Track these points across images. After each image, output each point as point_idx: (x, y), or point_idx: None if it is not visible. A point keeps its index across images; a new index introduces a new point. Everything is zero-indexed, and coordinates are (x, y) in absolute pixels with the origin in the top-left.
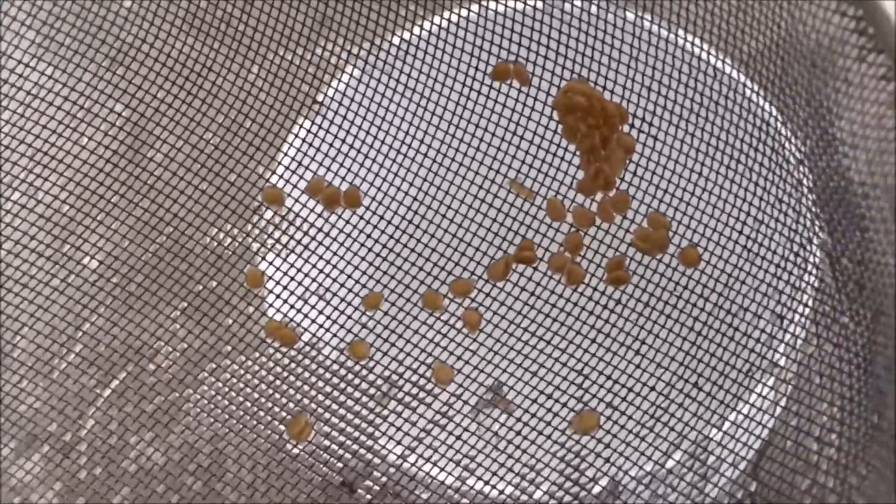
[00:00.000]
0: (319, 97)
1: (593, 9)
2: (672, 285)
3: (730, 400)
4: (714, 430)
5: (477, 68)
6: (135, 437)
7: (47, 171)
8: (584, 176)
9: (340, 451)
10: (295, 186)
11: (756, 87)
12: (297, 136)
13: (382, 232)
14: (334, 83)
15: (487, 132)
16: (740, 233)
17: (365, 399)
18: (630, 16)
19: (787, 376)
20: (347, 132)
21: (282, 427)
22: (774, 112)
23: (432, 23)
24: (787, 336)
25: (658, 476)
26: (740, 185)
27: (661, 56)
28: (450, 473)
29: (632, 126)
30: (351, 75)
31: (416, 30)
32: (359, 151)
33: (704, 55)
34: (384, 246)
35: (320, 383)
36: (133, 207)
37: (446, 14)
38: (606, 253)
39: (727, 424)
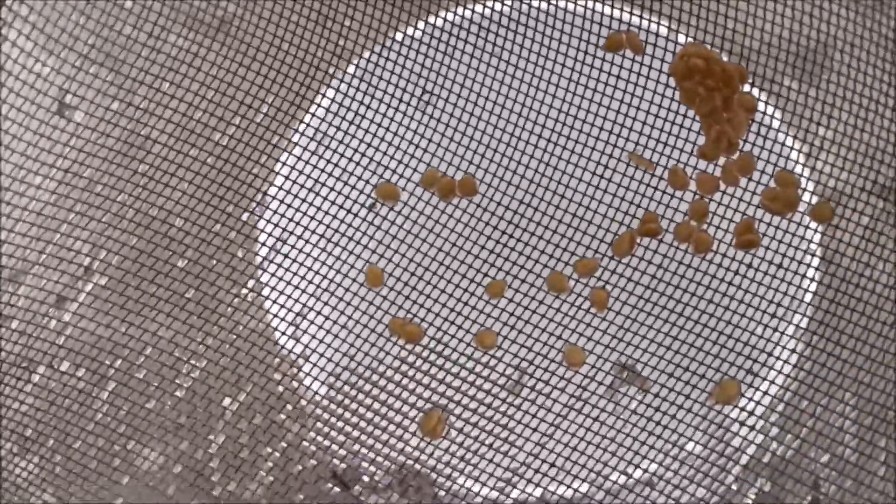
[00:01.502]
0: (429, 87)
1: None
2: (805, 244)
3: None
4: None
5: (588, 41)
6: (267, 448)
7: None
8: (706, 140)
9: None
10: (409, 180)
11: None
12: (407, 127)
13: (501, 218)
14: (443, 71)
15: (602, 105)
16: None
17: (497, 389)
18: None
19: None
20: (459, 119)
21: (414, 426)
22: None
23: None
24: None
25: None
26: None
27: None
28: (590, 457)
29: (752, 84)
30: (460, 61)
31: (518, 4)
32: (471, 139)
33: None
34: (503, 232)
35: (449, 377)
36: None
37: None
38: (733, 217)
39: None
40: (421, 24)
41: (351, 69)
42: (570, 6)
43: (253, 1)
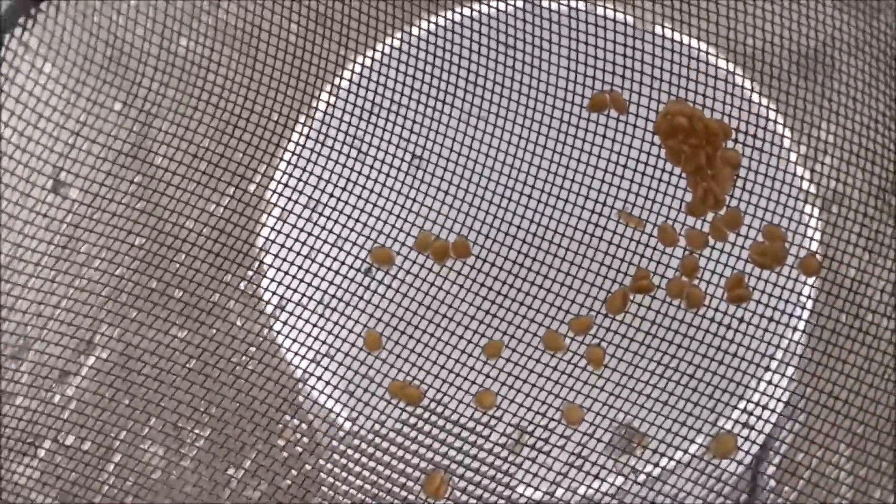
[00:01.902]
0: (418, 151)
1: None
2: (794, 297)
3: None
4: None
5: (573, 102)
6: None
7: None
8: (693, 197)
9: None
10: (403, 244)
11: None
12: (399, 192)
13: (495, 278)
14: (431, 135)
15: (589, 165)
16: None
17: (497, 448)
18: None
19: None
20: (450, 183)
21: (417, 487)
22: None
23: (523, 60)
24: None
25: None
26: None
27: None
28: None
29: (735, 141)
30: (447, 125)
31: (504, 69)
32: (462, 200)
33: None
34: (498, 292)
35: (450, 438)
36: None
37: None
38: (724, 272)
39: None
40: (407, 89)
41: (335, 133)
42: (555, 59)
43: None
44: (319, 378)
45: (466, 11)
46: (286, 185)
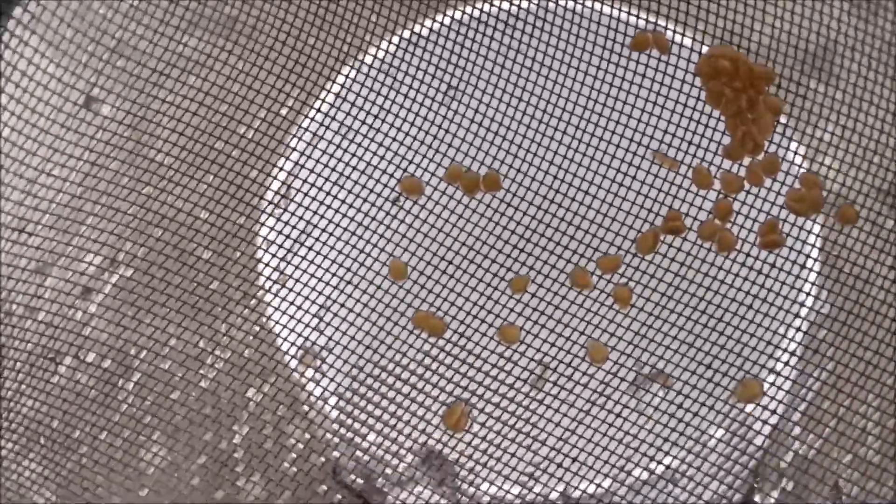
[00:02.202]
0: (454, 82)
1: None
2: (828, 245)
3: None
4: None
5: (614, 40)
6: (291, 440)
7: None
8: (732, 141)
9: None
10: (433, 174)
11: None
12: (432, 122)
13: (524, 213)
14: (467, 66)
15: (627, 104)
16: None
17: (519, 383)
18: None
19: None
20: (483, 115)
21: (437, 419)
22: None
23: None
24: None
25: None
26: None
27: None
28: (613, 452)
29: (778, 87)
30: (485, 56)
31: (545, 2)
32: (496, 134)
33: None
34: (527, 227)
35: (472, 371)
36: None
37: None
38: (757, 217)
39: None
40: (447, 18)
41: (374, 61)
42: (598, 5)
43: None
44: (342, 305)
45: None
46: (318, 111)
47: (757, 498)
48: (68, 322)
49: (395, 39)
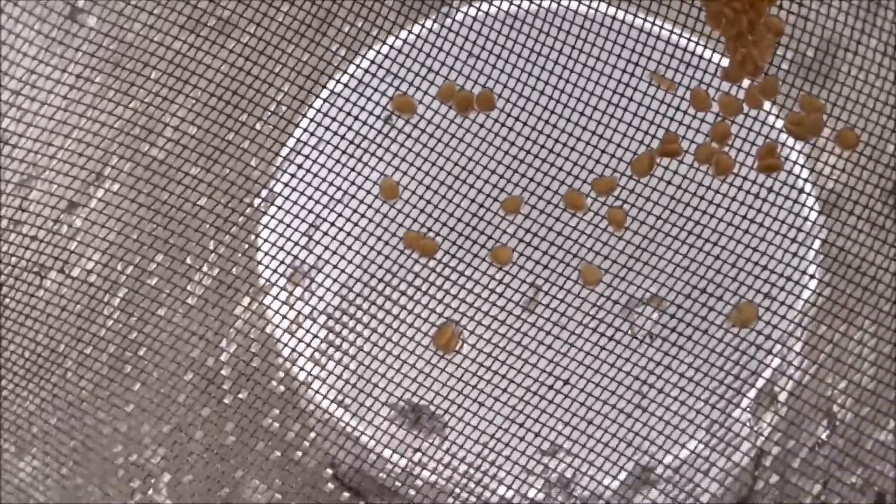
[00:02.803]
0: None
1: None
2: (827, 169)
3: None
4: None
5: None
6: (279, 359)
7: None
8: (731, 62)
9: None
10: (426, 93)
11: None
12: (425, 39)
13: (518, 133)
14: None
15: (625, 23)
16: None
17: (511, 305)
18: None
19: None
20: (478, 33)
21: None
22: None
23: None
24: None
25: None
26: None
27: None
28: (605, 375)
29: (780, 7)
30: None
31: None
32: (490, 52)
33: None
34: (521, 148)
35: (464, 292)
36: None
37: None
38: (756, 141)
39: None
40: None
41: None
42: None
43: None
44: (332, 224)
45: None
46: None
47: (750, 424)
48: (53, 236)
49: None
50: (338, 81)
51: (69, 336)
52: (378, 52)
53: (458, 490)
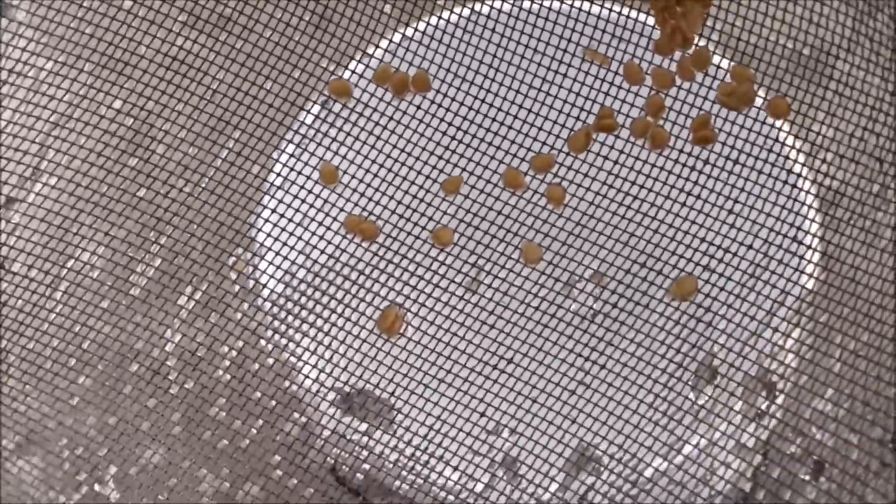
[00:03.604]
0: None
1: None
2: (761, 140)
3: None
4: None
5: None
6: (224, 347)
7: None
8: (661, 35)
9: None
10: (361, 76)
11: None
12: (358, 22)
13: (455, 114)
14: None
15: (556, 0)
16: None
17: (454, 286)
18: None
19: None
20: (410, 14)
21: (371, 323)
22: None
23: None
24: None
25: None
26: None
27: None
28: (547, 353)
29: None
30: None
31: None
32: (423, 33)
33: None
34: (458, 128)
35: (407, 275)
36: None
37: None
38: (690, 113)
39: None
40: None
41: None
42: None
43: None
44: (274, 211)
45: None
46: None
47: (688, 389)
48: None
49: None
50: (273, 67)
51: (10, 331)
52: (311, 37)
53: (404, 473)
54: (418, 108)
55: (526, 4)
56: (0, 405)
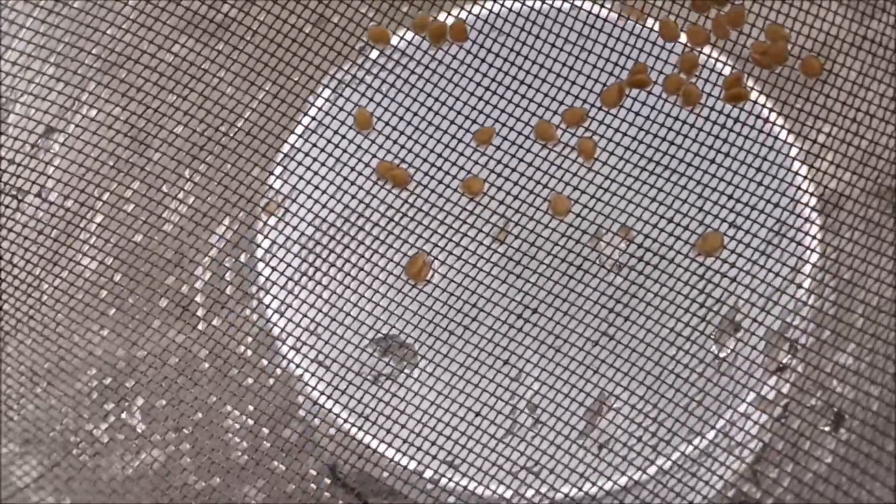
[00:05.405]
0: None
1: None
2: (795, 100)
3: None
4: None
5: None
6: (253, 287)
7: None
8: None
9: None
10: (400, 24)
11: None
12: None
13: (490, 65)
14: None
15: None
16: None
17: (482, 236)
18: None
19: None
20: None
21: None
22: None
23: None
24: None
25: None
26: None
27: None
28: (573, 304)
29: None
30: None
31: None
32: None
33: None
34: (493, 79)
35: (435, 223)
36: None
37: None
38: (723, 71)
39: None
40: None
41: None
42: None
43: None
44: (307, 154)
45: None
46: None
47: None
48: (31, 160)
49: None
50: (313, 11)
51: (45, 260)
52: None
53: (420, 425)
54: (454, 57)
55: None
56: (31, 332)
